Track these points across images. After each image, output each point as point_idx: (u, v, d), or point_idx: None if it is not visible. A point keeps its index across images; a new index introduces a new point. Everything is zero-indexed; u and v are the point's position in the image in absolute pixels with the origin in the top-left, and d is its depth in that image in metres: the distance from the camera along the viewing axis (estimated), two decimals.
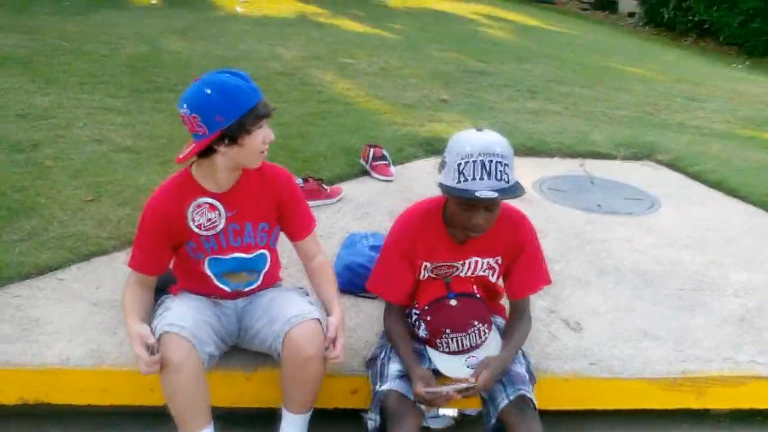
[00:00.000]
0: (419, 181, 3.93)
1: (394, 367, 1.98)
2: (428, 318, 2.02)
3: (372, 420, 1.93)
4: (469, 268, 2.06)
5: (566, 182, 4.31)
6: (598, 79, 7.65)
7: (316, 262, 2.19)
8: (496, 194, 1.75)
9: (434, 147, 4.58)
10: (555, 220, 3.64)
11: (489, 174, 1.74)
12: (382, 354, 2.07)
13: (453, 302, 2.02)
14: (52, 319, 2.33)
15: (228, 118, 1.80)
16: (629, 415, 2.40)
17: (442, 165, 1.85)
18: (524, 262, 2.06)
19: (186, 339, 1.83)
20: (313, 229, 2.19)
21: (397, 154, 4.35)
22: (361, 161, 4.13)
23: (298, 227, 2.15)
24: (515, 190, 1.80)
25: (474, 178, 1.75)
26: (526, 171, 4.36)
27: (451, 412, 2.37)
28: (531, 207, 3.76)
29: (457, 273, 2.07)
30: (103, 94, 5.12)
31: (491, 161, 1.75)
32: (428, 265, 2.04)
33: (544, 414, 2.21)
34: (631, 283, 2.94)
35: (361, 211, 3.49)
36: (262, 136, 1.89)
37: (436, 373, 2.00)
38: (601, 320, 2.59)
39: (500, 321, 2.17)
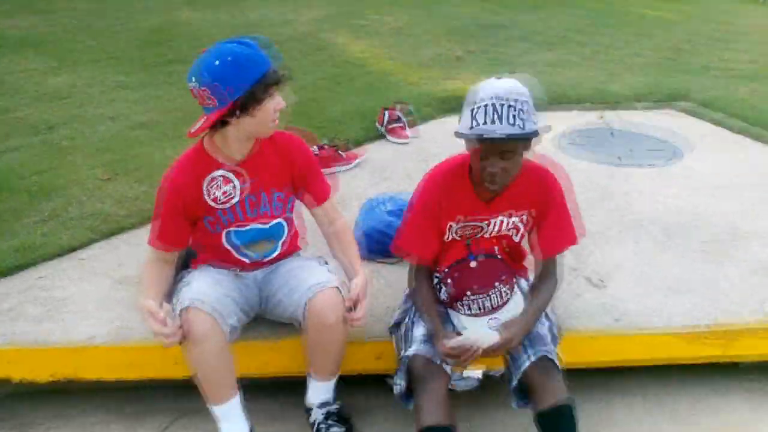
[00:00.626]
0: (435, 142, 3.88)
1: (418, 332, 1.98)
2: (449, 280, 2.00)
3: (398, 385, 1.93)
4: (494, 227, 2.02)
5: (586, 135, 4.23)
6: (617, 26, 7.44)
7: (336, 227, 2.17)
8: (503, 136, 1.70)
9: (451, 106, 4.50)
10: (575, 174, 3.57)
11: (501, 118, 1.70)
12: (406, 319, 2.06)
13: (473, 264, 1.99)
14: (76, 299, 2.37)
15: (238, 89, 1.77)
16: (656, 371, 2.39)
17: (461, 115, 1.82)
18: (551, 222, 2.00)
19: (207, 312, 1.84)
20: (330, 195, 2.17)
21: (413, 115, 4.28)
22: (377, 125, 4.08)
23: (315, 193, 2.14)
24: (533, 132, 1.76)
25: (485, 122, 1.71)
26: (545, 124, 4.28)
27: (476, 373, 2.37)
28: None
29: (482, 234, 2.03)
30: (116, 71, 5.12)
31: (502, 105, 1.71)
32: (454, 225, 2.00)
33: (570, 372, 2.21)
34: (655, 236, 2.88)
35: (378, 176, 3.46)
36: (273, 104, 1.86)
37: (459, 336, 1.99)
38: (624, 275, 2.56)
39: (524, 283, 2.15)
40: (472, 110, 1.73)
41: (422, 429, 1.79)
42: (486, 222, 2.00)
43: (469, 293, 1.96)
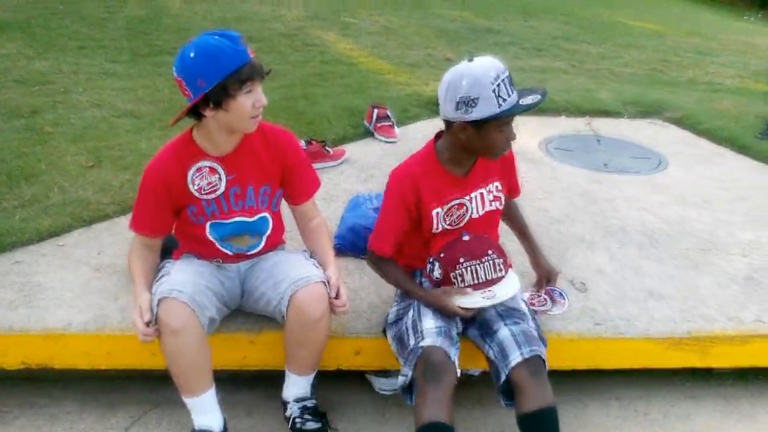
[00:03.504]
0: (424, 141, 3.86)
1: (429, 324, 1.93)
2: (442, 255, 1.99)
3: (404, 376, 1.88)
4: (477, 203, 2.05)
5: (572, 141, 4.25)
6: (606, 35, 7.51)
7: (314, 224, 2.17)
8: (539, 96, 1.87)
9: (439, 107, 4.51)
10: (561, 179, 3.60)
11: (513, 86, 1.85)
12: (411, 313, 2.02)
13: (465, 237, 2.01)
14: (53, 285, 2.33)
15: (208, 81, 1.75)
16: (633, 375, 2.40)
17: (471, 103, 1.81)
18: (513, 173, 2.21)
19: (185, 304, 1.82)
20: (314, 192, 2.16)
21: (401, 115, 4.29)
22: (365, 122, 4.07)
23: (300, 190, 2.12)
24: (536, 90, 1.91)
25: (509, 95, 1.83)
26: (532, 130, 4.30)
27: None
28: (536, 166, 3.72)
29: (469, 215, 2.05)
30: (103, 59, 5.07)
31: (507, 76, 1.84)
32: (440, 211, 2.02)
33: (548, 374, 2.22)
34: (638, 243, 2.90)
35: (366, 173, 3.46)
36: (252, 100, 1.82)
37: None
38: (606, 280, 2.57)
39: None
40: (494, 90, 1.80)
41: (426, 424, 1.75)
42: (468, 199, 2.03)
43: (462, 260, 1.94)
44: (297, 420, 2.03)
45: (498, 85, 1.79)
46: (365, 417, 2.18)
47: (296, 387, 2.07)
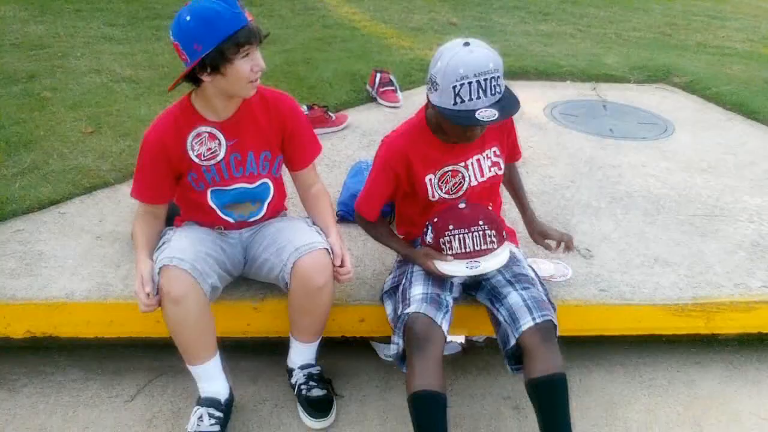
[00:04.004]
0: None
1: (417, 290, 1.93)
2: (435, 220, 1.97)
3: (396, 344, 1.88)
4: (475, 170, 2.02)
5: (578, 107, 4.19)
6: None
7: (314, 190, 2.13)
8: (496, 115, 1.74)
9: None
10: (566, 145, 3.55)
11: (485, 92, 1.73)
12: (403, 280, 2.02)
13: (462, 205, 1.98)
14: (55, 253, 2.32)
15: (205, 46, 1.70)
16: (638, 341, 2.40)
17: (434, 85, 1.79)
18: (512, 140, 2.15)
19: (186, 272, 1.80)
20: (314, 158, 2.13)
21: (404, 80, 4.23)
22: (368, 87, 4.02)
23: (301, 156, 2.08)
24: (512, 104, 1.79)
25: (471, 99, 1.73)
26: (538, 95, 4.24)
27: (458, 338, 2.38)
28: (541, 132, 3.68)
29: (467, 183, 2.01)
30: (101, 22, 4.99)
31: (486, 79, 1.72)
32: (433, 178, 1.99)
33: None
34: (644, 209, 2.87)
35: (368, 139, 3.42)
36: (249, 64, 1.77)
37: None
38: (612, 247, 2.55)
39: (514, 248, 2.13)
40: (455, 87, 1.72)
41: (415, 393, 1.76)
42: (463, 166, 2.00)
43: (451, 227, 1.92)
44: (302, 387, 2.04)
45: (463, 84, 1.71)
46: (370, 384, 2.18)
47: (301, 354, 2.07)
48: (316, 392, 2.03)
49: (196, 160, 1.92)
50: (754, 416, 2.13)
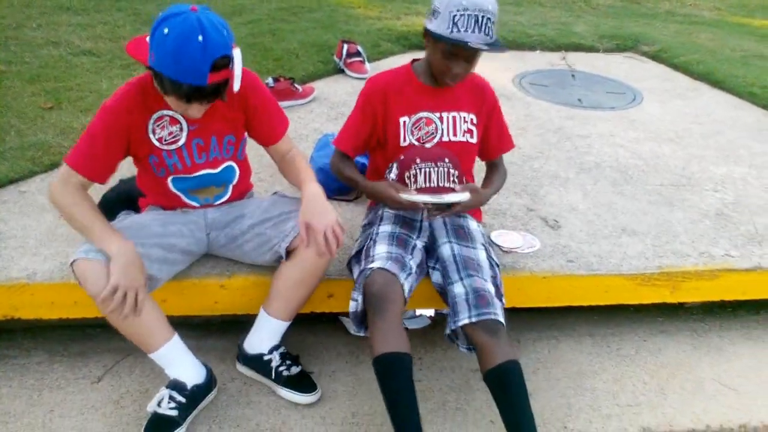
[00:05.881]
0: None
1: (381, 249, 1.92)
2: (402, 156, 2.00)
3: (355, 301, 1.87)
4: (449, 125, 2.07)
5: (547, 77, 4.18)
6: None
7: (289, 156, 2.07)
8: (486, 47, 1.84)
9: (411, 42, 4.40)
10: (534, 116, 3.55)
11: (480, 28, 1.83)
12: (368, 241, 2.01)
13: (428, 145, 2.05)
14: (15, 233, 2.25)
15: (156, 65, 1.63)
16: (606, 311, 2.43)
17: (434, 14, 1.89)
18: (496, 125, 2.19)
19: (106, 264, 1.70)
20: (285, 131, 2.05)
21: (372, 50, 4.17)
22: (335, 58, 3.95)
23: (269, 132, 2.02)
24: (501, 45, 1.90)
25: (467, 30, 1.83)
26: (507, 65, 4.22)
27: (428, 311, 2.38)
28: (510, 102, 3.67)
29: (439, 136, 2.05)
30: None
31: (483, 16, 1.82)
32: (407, 120, 2.04)
33: (521, 310, 2.24)
34: (611, 179, 2.89)
35: (336, 111, 3.37)
36: (183, 108, 1.73)
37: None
38: (580, 218, 2.56)
39: (474, 223, 2.12)
40: (454, 15, 1.82)
41: (379, 356, 1.75)
42: (438, 117, 2.06)
43: (418, 160, 1.95)
44: (281, 368, 2.00)
45: (462, 15, 1.81)
46: (340, 359, 2.18)
47: (274, 335, 2.02)
48: (295, 369, 2.01)
49: (157, 144, 1.85)
50: (715, 383, 2.18)
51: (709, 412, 2.06)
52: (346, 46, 3.88)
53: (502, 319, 1.82)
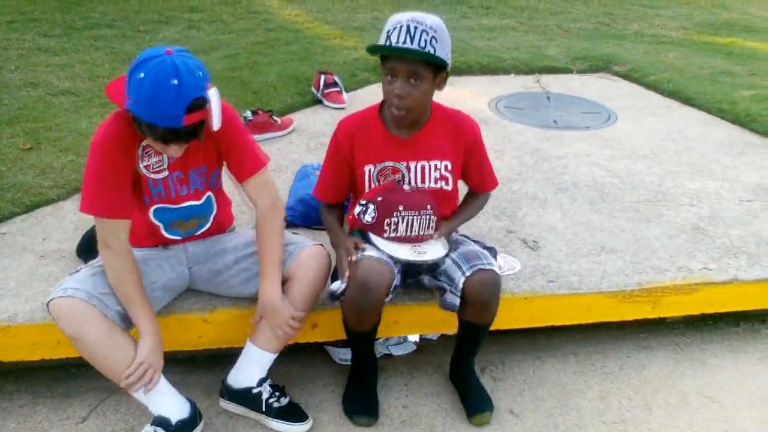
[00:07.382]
0: None
1: (371, 252, 1.89)
2: (379, 198, 1.95)
3: (344, 283, 1.85)
4: (416, 175, 2.01)
5: (522, 99, 4.26)
6: None
7: (258, 212, 1.98)
8: (407, 45, 1.78)
9: None
10: (511, 138, 3.60)
11: (413, 39, 1.78)
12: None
13: (406, 187, 1.99)
14: None
15: (134, 110, 1.64)
16: (589, 329, 2.45)
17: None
18: (477, 162, 2.13)
19: (81, 301, 1.74)
20: (257, 171, 1.95)
21: (349, 80, 4.23)
22: (313, 89, 4.00)
23: (238, 168, 1.96)
24: (439, 58, 1.82)
25: (398, 42, 1.80)
26: (482, 90, 4.29)
27: (413, 338, 2.39)
28: (487, 126, 3.72)
29: (406, 183, 2.02)
30: (35, 33, 4.84)
31: (416, 28, 1.79)
32: (372, 169, 2.01)
33: (504, 332, 2.25)
34: (589, 198, 2.94)
35: (315, 141, 3.41)
36: (161, 147, 1.74)
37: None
38: (558, 237, 2.60)
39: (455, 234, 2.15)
40: (389, 31, 1.82)
41: (353, 332, 1.95)
42: (405, 166, 2.00)
43: (401, 208, 1.92)
44: (271, 400, 1.99)
45: (395, 28, 1.80)
46: (326, 389, 2.18)
47: (261, 367, 2.01)
48: (284, 400, 2.01)
49: (145, 171, 1.86)
50: (699, 396, 2.20)
51: (694, 425, 2.07)
52: (323, 77, 3.93)
53: (492, 266, 1.90)
